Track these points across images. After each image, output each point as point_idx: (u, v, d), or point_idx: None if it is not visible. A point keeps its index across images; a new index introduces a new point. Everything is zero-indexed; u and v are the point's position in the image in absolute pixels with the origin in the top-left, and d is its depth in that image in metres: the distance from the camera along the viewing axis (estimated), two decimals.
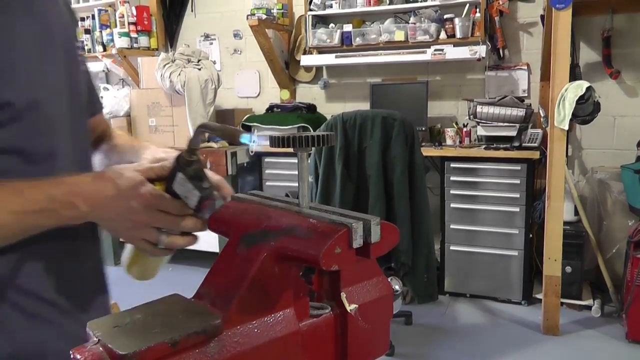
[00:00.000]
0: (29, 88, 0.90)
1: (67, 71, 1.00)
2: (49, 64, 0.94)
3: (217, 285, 0.62)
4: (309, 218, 0.62)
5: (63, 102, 0.98)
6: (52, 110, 0.94)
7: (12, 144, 0.89)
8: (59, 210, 0.85)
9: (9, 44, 0.87)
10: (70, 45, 1.03)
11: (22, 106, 0.88)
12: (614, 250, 4.06)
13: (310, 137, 0.65)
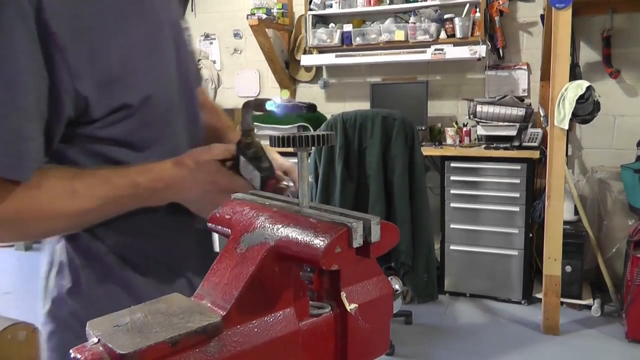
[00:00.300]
0: (142, 87, 0.98)
1: (177, 57, 1.09)
2: (158, 58, 1.03)
3: (217, 284, 0.62)
4: (309, 218, 0.62)
5: (173, 89, 1.06)
6: (162, 102, 1.03)
7: (124, 137, 0.99)
8: (143, 195, 0.96)
9: (125, 50, 0.95)
10: (177, 31, 1.12)
11: (137, 104, 0.97)
12: (614, 250, 4.07)
13: (310, 137, 0.65)
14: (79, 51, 0.88)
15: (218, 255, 0.66)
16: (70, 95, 0.89)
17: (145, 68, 0.99)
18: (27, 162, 0.87)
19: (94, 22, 0.91)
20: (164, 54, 1.05)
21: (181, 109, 1.10)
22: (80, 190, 0.93)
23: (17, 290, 4.78)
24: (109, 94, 0.93)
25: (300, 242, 0.59)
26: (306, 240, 0.59)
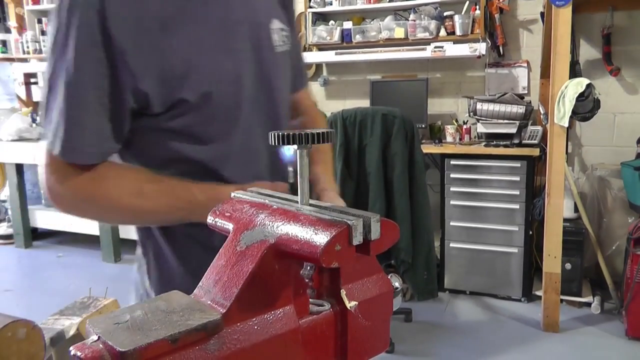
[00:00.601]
0: (202, 84, 1.04)
1: (256, 58, 1.14)
2: (226, 57, 1.08)
3: (217, 282, 0.62)
4: (309, 215, 0.62)
5: (244, 89, 1.12)
6: (226, 99, 1.08)
7: (187, 130, 1.06)
8: (197, 211, 1.01)
9: (186, 50, 1.02)
10: (259, 32, 1.16)
11: (195, 101, 1.04)
12: (613, 247, 4.07)
13: (310, 134, 0.65)
14: (139, 53, 0.97)
15: (218, 252, 0.66)
16: (131, 91, 0.99)
17: (207, 66, 1.05)
18: (83, 148, 0.99)
19: (156, 25, 0.98)
20: (233, 53, 1.09)
21: (257, 109, 1.16)
22: (147, 193, 1.03)
23: (18, 287, 4.79)
24: (167, 91, 1.01)
25: (300, 239, 0.59)
26: (306, 238, 0.59)
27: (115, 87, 0.98)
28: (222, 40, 1.08)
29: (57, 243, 5.95)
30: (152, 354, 0.52)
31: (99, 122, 0.99)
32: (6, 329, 1.45)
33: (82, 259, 5.42)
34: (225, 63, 1.08)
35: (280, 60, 1.21)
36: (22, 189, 5.70)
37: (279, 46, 1.20)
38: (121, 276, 4.87)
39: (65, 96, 0.96)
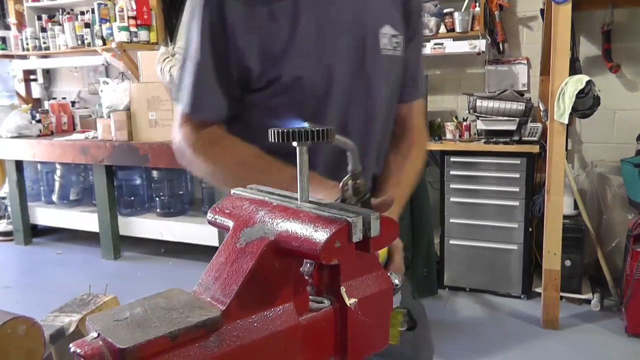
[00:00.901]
0: (295, 68, 1.19)
1: (357, 57, 1.24)
2: (320, 49, 1.20)
3: (216, 279, 0.62)
4: (309, 212, 0.62)
5: (333, 79, 1.22)
6: (315, 85, 1.21)
7: (281, 109, 1.20)
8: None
9: (290, 36, 1.17)
10: (362, 33, 1.24)
11: (288, 81, 1.19)
12: (613, 244, 4.07)
13: (310, 131, 0.65)
14: (246, 34, 1.16)
15: (218, 249, 0.66)
16: (236, 65, 1.19)
17: (302, 53, 1.18)
18: (204, 106, 1.22)
19: (264, 12, 1.16)
20: (329, 46, 1.21)
21: (353, 102, 1.25)
22: (247, 164, 1.18)
23: (17, 284, 4.79)
24: (265, 68, 1.19)
25: (299, 236, 0.59)
26: (306, 235, 0.59)
27: (227, 61, 1.19)
28: (321, 33, 1.19)
29: (56, 240, 5.95)
30: (152, 351, 0.52)
31: (216, 88, 1.20)
32: (6, 325, 1.45)
33: (81, 255, 5.42)
34: (318, 53, 1.20)
35: (386, 64, 1.28)
36: (21, 186, 5.70)
37: (386, 50, 1.26)
38: (121, 273, 4.87)
39: (192, 67, 1.20)
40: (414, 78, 1.41)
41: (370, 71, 1.26)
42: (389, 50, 1.27)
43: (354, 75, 1.24)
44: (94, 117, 5.90)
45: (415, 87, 1.42)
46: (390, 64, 1.29)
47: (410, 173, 1.35)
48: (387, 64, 1.28)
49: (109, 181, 5.12)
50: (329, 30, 1.21)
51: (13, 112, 5.68)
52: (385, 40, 1.26)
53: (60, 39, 5.91)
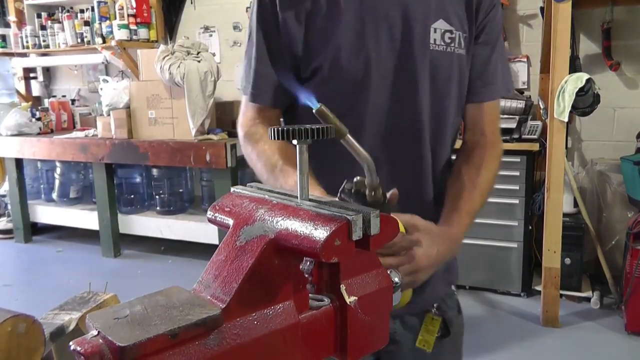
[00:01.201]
0: (335, 59, 1.21)
1: (399, 49, 1.22)
2: (359, 42, 1.21)
3: (216, 277, 0.62)
4: (309, 210, 0.62)
5: (370, 72, 1.22)
6: (353, 77, 1.22)
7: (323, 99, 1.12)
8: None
9: (330, 26, 1.21)
10: (409, 27, 1.22)
11: (327, 71, 1.22)
12: (613, 242, 4.07)
13: (310, 129, 0.65)
14: (294, 24, 1.22)
15: (218, 247, 0.66)
16: (288, 51, 1.25)
17: (341, 45, 1.21)
18: (259, 91, 1.29)
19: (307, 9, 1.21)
20: (369, 38, 1.21)
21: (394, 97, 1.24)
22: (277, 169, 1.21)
23: (17, 282, 4.79)
24: (309, 57, 1.24)
25: (299, 234, 0.59)
26: (306, 233, 0.59)
27: (281, 50, 1.25)
28: (362, 24, 1.20)
29: (56, 238, 5.95)
30: (152, 349, 0.52)
31: (272, 76, 1.27)
32: (6, 323, 1.45)
33: (81, 253, 5.42)
34: (358, 44, 1.21)
35: (435, 60, 1.24)
36: (21, 184, 5.70)
37: (436, 45, 1.23)
38: (121, 271, 4.87)
39: (252, 56, 1.29)
40: (484, 78, 1.34)
41: (415, 66, 1.24)
42: (441, 46, 1.24)
43: (397, 69, 1.23)
44: (93, 115, 5.90)
45: (484, 87, 1.35)
46: (440, 61, 1.25)
47: (483, 186, 1.32)
48: (436, 61, 1.25)
49: (108, 179, 5.12)
50: (371, 21, 1.21)
51: (13, 110, 5.68)
52: (436, 36, 1.23)
53: (60, 37, 5.91)
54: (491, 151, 1.40)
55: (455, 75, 1.28)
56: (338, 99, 1.22)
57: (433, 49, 1.23)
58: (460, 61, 1.28)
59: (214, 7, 5.61)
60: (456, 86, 1.29)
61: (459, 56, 1.27)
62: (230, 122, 4.98)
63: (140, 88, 4.86)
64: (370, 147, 1.21)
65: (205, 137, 4.63)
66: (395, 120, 1.25)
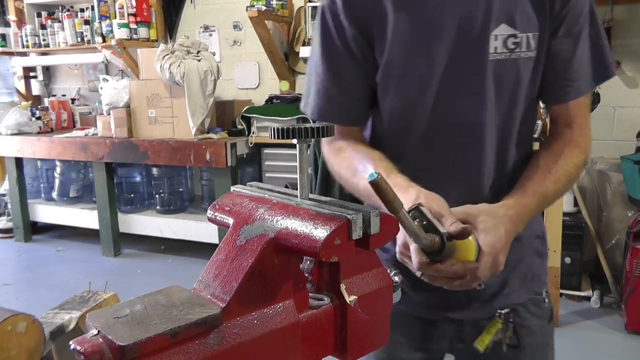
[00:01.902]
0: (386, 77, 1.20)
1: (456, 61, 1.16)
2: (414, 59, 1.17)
3: (216, 276, 0.62)
4: (309, 209, 0.62)
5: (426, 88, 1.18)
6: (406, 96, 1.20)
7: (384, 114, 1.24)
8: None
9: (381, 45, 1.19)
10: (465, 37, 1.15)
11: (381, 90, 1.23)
12: (613, 241, 4.07)
13: (310, 129, 0.65)
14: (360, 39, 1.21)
15: (217, 246, 0.66)
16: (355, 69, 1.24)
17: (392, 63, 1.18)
18: (327, 113, 1.28)
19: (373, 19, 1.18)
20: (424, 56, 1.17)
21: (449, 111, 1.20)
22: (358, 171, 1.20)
23: (17, 281, 4.79)
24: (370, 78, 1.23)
25: (299, 233, 0.59)
26: (305, 232, 0.59)
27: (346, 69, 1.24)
28: (413, 41, 1.16)
29: (56, 237, 5.95)
30: (152, 348, 0.52)
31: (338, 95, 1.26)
32: (6, 322, 1.45)
33: (81, 253, 5.42)
34: (410, 62, 1.18)
35: (497, 69, 1.16)
36: (21, 183, 5.70)
37: (497, 54, 1.15)
38: (121, 270, 4.87)
39: (315, 77, 1.28)
40: (567, 75, 1.22)
41: (471, 79, 1.17)
42: (504, 53, 1.15)
43: (452, 84, 1.18)
44: (93, 114, 5.90)
45: (568, 86, 1.23)
46: (503, 69, 1.16)
47: (559, 173, 1.20)
48: (498, 70, 1.16)
49: (108, 178, 5.12)
50: (422, 36, 1.16)
51: (13, 109, 5.68)
52: (497, 43, 1.15)
53: (60, 36, 5.91)
54: (575, 142, 1.28)
55: (524, 81, 1.19)
56: (394, 117, 1.23)
57: (494, 59, 1.15)
58: (528, 64, 1.18)
59: (214, 6, 5.60)
60: (526, 91, 1.21)
61: (527, 60, 1.17)
62: (230, 121, 4.99)
63: (140, 87, 4.86)
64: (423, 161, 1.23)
65: (205, 136, 4.63)
66: (454, 137, 1.21)
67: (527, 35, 1.15)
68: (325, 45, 1.24)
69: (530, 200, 1.14)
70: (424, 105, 1.19)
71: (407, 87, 1.19)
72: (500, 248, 1.01)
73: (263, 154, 4.82)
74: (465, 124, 1.19)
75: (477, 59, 1.15)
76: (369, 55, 1.22)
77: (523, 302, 1.31)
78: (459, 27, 1.14)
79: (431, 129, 1.21)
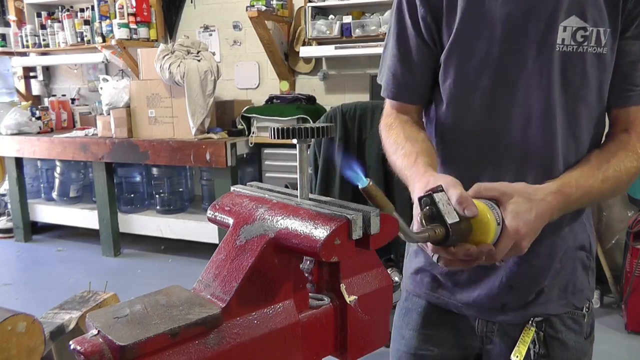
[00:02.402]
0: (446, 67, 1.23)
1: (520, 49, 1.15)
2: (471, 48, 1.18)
3: (216, 276, 0.62)
4: (309, 209, 0.62)
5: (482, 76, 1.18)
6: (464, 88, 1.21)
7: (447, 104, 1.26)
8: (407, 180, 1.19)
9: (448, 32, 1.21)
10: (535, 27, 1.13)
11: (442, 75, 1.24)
12: (613, 241, 4.07)
13: (310, 129, 0.65)
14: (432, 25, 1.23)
15: (218, 246, 0.66)
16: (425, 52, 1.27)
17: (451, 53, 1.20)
18: (389, 87, 1.36)
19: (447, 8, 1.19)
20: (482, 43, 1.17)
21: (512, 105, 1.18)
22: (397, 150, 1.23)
23: (17, 281, 4.79)
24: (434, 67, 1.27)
25: (299, 233, 0.59)
26: (305, 232, 0.59)
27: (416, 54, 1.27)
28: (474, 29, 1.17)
29: (56, 237, 5.95)
30: (152, 348, 0.52)
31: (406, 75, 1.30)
32: (6, 322, 1.45)
33: (81, 253, 5.42)
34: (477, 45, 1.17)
35: (563, 62, 1.13)
36: (21, 183, 5.70)
37: (564, 46, 1.12)
38: (121, 270, 4.87)
39: (388, 55, 1.33)
40: (632, 79, 1.16)
41: (536, 67, 1.14)
42: (572, 45, 1.11)
43: (515, 69, 1.16)
44: (93, 114, 5.90)
45: (634, 90, 1.17)
46: (569, 62, 1.13)
47: (609, 172, 1.13)
48: (565, 62, 1.13)
49: (108, 178, 5.12)
50: (487, 22, 1.15)
51: (13, 109, 5.68)
52: (565, 35, 1.11)
53: (60, 36, 5.91)
54: (632, 146, 1.17)
55: (591, 79, 1.14)
56: (453, 99, 1.23)
57: (560, 50, 1.12)
58: (598, 61, 1.13)
59: (214, 6, 5.60)
60: (593, 92, 1.16)
61: (594, 56, 1.12)
62: (230, 121, 4.99)
63: (140, 87, 4.86)
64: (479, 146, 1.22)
65: (205, 136, 4.63)
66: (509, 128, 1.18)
67: (597, 29, 1.11)
68: (398, 24, 1.28)
69: (573, 192, 1.08)
70: (481, 87, 1.18)
71: (467, 70, 1.19)
72: (526, 233, 0.97)
73: (263, 154, 4.82)
74: (526, 113, 1.16)
75: (543, 49, 1.13)
76: (436, 37, 1.24)
77: (559, 314, 1.29)
78: (527, 15, 1.12)
79: (488, 112, 1.19)
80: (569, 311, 1.31)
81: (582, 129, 1.18)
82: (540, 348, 1.27)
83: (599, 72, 1.14)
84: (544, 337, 1.27)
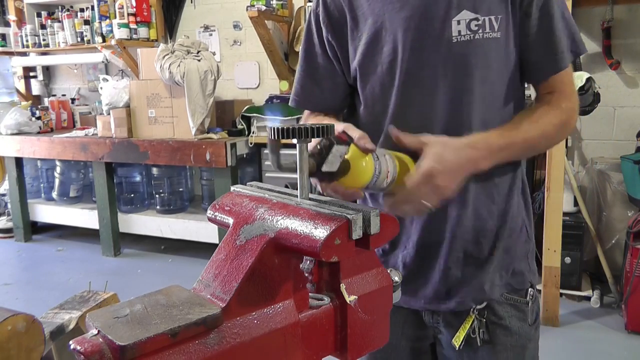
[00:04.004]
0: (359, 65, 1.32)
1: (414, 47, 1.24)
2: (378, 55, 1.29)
3: (216, 276, 0.62)
4: (309, 209, 0.62)
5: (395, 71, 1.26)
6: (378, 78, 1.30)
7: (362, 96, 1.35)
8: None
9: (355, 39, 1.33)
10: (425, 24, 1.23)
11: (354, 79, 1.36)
12: (613, 241, 4.07)
13: (310, 128, 0.65)
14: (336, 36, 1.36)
15: (218, 246, 0.66)
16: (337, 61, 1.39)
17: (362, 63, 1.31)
18: (298, 98, 1.49)
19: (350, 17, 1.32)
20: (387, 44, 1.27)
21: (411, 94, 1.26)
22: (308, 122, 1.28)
23: (17, 281, 4.79)
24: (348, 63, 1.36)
25: (299, 233, 0.59)
26: (306, 232, 0.59)
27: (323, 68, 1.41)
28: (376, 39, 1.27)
29: (56, 237, 5.95)
30: (152, 348, 0.52)
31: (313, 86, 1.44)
32: (6, 322, 1.45)
33: (81, 252, 5.42)
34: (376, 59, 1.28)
35: (465, 49, 1.21)
36: (21, 183, 5.70)
37: (461, 36, 1.21)
38: (121, 270, 4.87)
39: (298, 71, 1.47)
40: (547, 52, 1.26)
41: (438, 61, 1.23)
42: (468, 34, 1.20)
43: (420, 66, 1.24)
44: (93, 114, 5.90)
45: (549, 62, 1.27)
46: (470, 49, 1.21)
47: (531, 126, 1.25)
48: (463, 50, 1.21)
49: (108, 178, 5.12)
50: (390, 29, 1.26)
51: (13, 109, 5.68)
52: (460, 27, 1.20)
53: (60, 36, 5.91)
54: (555, 104, 1.30)
55: (492, 61, 1.24)
56: (371, 101, 1.33)
57: (459, 41, 1.21)
58: (497, 45, 1.22)
59: (214, 6, 5.60)
60: (498, 72, 1.26)
61: (493, 40, 1.22)
62: (230, 121, 4.98)
63: (140, 87, 4.86)
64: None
65: (205, 136, 4.63)
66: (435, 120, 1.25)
67: (489, 17, 1.21)
68: (306, 43, 1.43)
69: (495, 140, 1.17)
70: (394, 87, 1.27)
71: (378, 73, 1.29)
72: (439, 171, 1.04)
73: (263, 154, 4.81)
74: (438, 104, 1.24)
75: (441, 43, 1.22)
76: (340, 55, 1.36)
77: (500, 301, 1.33)
78: (422, 16, 1.22)
79: (402, 110, 1.27)
80: (511, 297, 1.35)
81: (496, 107, 1.28)
82: (484, 334, 1.32)
83: (497, 53, 1.23)
84: (486, 323, 1.32)
